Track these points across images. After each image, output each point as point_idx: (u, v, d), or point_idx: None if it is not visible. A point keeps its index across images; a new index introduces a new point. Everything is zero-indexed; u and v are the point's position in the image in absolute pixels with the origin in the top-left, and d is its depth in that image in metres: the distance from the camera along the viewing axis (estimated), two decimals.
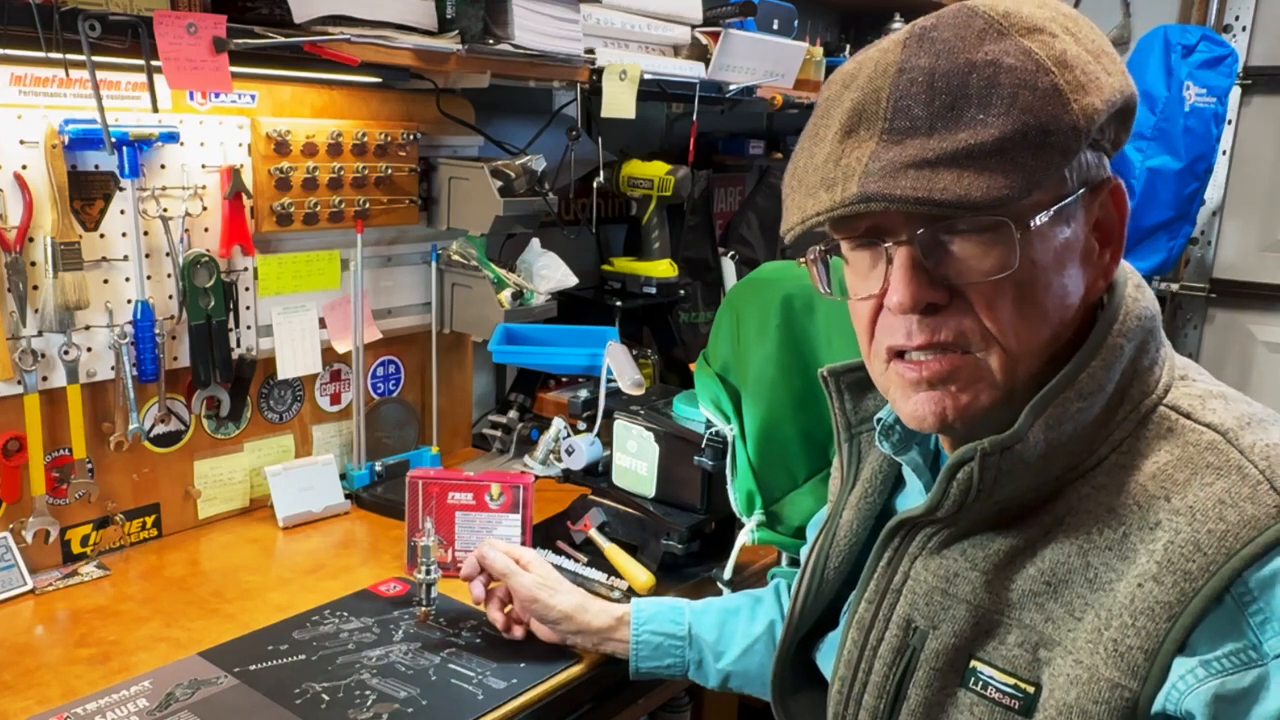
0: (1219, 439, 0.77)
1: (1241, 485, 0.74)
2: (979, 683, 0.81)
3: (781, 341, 1.37)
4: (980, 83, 0.73)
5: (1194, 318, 3.35)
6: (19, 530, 1.45)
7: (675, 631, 1.24)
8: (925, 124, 0.74)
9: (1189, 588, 0.72)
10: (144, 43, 1.19)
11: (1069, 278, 0.79)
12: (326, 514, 1.74)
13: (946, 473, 0.80)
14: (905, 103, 0.75)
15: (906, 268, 0.77)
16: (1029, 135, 0.72)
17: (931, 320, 0.78)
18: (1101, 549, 0.76)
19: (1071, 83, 0.74)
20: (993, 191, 0.71)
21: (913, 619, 0.86)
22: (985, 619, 0.81)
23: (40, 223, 1.41)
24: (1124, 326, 0.80)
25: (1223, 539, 0.72)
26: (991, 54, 0.74)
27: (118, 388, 1.52)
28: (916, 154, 0.73)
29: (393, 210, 1.81)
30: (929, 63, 0.75)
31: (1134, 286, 0.84)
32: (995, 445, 0.77)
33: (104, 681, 1.21)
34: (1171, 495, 0.75)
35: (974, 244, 0.76)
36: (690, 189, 2.26)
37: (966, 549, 0.83)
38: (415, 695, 1.19)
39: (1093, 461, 0.80)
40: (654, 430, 1.55)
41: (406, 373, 1.99)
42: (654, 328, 2.42)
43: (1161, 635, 0.72)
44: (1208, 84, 2.84)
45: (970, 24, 0.76)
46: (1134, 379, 0.81)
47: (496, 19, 1.58)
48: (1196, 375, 0.85)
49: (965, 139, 0.72)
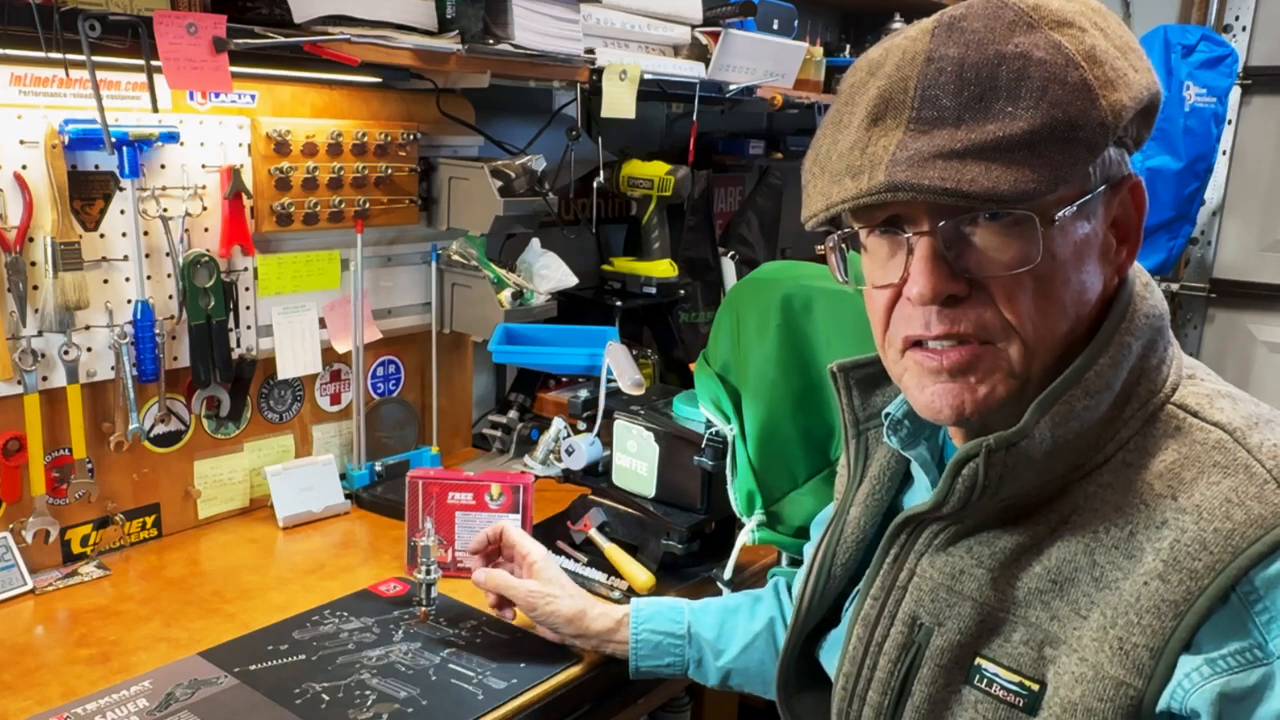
0: (1226, 438, 0.77)
1: (1249, 484, 0.73)
2: (984, 680, 0.81)
3: (781, 341, 1.37)
4: (1010, 75, 0.73)
5: (1194, 318, 3.35)
6: (19, 530, 1.45)
7: (674, 630, 1.24)
8: (953, 114, 0.73)
9: (1195, 586, 0.72)
10: (144, 43, 1.19)
11: (1087, 273, 0.79)
12: (326, 514, 1.74)
13: (952, 469, 0.80)
14: (933, 92, 0.74)
15: (928, 259, 0.77)
16: (1057, 129, 0.72)
17: (951, 311, 0.78)
18: (1108, 548, 0.76)
19: (1100, 78, 0.73)
20: (1020, 185, 0.71)
21: (918, 616, 0.86)
22: (991, 616, 0.81)
23: (40, 223, 1.41)
24: (1132, 324, 0.80)
25: (1229, 537, 0.72)
26: (1022, 46, 0.74)
27: (118, 388, 1.52)
28: (944, 144, 0.73)
29: (393, 210, 1.81)
30: (958, 53, 0.75)
31: (1143, 285, 0.84)
32: (1001, 442, 0.77)
33: (104, 681, 1.21)
34: (1178, 494, 0.75)
35: (996, 236, 0.76)
36: (690, 189, 2.26)
37: (973, 546, 0.83)
38: (415, 695, 1.19)
39: (1100, 459, 0.79)
40: (654, 430, 1.55)
41: (406, 373, 1.99)
42: (654, 328, 2.42)
43: (1167, 633, 0.72)
44: (1208, 84, 2.84)
45: (1000, 15, 0.76)
46: (1142, 377, 0.81)
47: (496, 19, 1.58)
48: (1205, 375, 0.85)
49: (994, 131, 0.72)
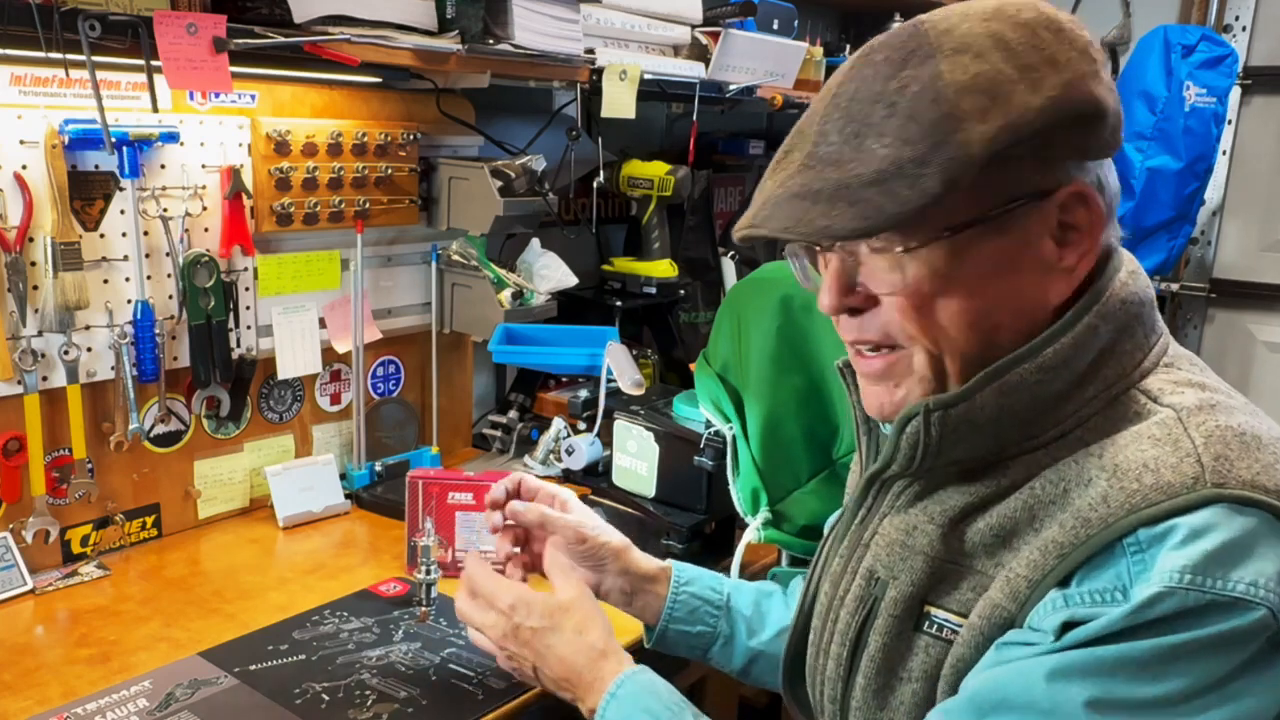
0: (1171, 415, 0.78)
1: (1171, 454, 0.75)
2: (934, 626, 0.85)
3: (782, 341, 1.37)
4: (882, 112, 0.76)
5: (1194, 318, 3.35)
6: (19, 530, 1.45)
7: (714, 599, 1.18)
8: (837, 152, 0.77)
9: (1084, 533, 0.75)
10: (144, 43, 1.19)
11: (1013, 283, 0.80)
12: (326, 514, 1.74)
13: (896, 426, 0.84)
14: (827, 127, 0.79)
15: (831, 274, 0.84)
16: (903, 167, 0.74)
17: (858, 320, 0.84)
18: (1045, 503, 0.79)
19: (971, 109, 0.73)
20: (853, 223, 0.75)
21: (875, 570, 0.89)
22: (940, 569, 0.85)
23: (40, 223, 1.41)
24: (1105, 309, 0.81)
25: (1130, 496, 0.74)
26: (904, 80, 0.76)
27: (118, 388, 1.52)
28: (808, 183, 0.77)
29: (393, 210, 1.81)
30: (853, 89, 0.78)
31: (1127, 273, 0.84)
32: (938, 404, 0.81)
33: (104, 681, 1.21)
34: (1104, 454, 0.78)
35: (877, 259, 0.81)
36: (690, 189, 2.26)
37: (928, 505, 0.87)
38: (415, 695, 1.19)
39: (1056, 434, 0.81)
40: (654, 430, 1.55)
41: (406, 373, 1.99)
42: (654, 328, 2.42)
43: (1048, 569, 0.76)
44: (1208, 84, 2.84)
45: (905, 45, 0.78)
46: (1109, 360, 0.82)
47: (496, 19, 1.58)
48: (1187, 366, 0.86)
49: (854, 169, 0.76)
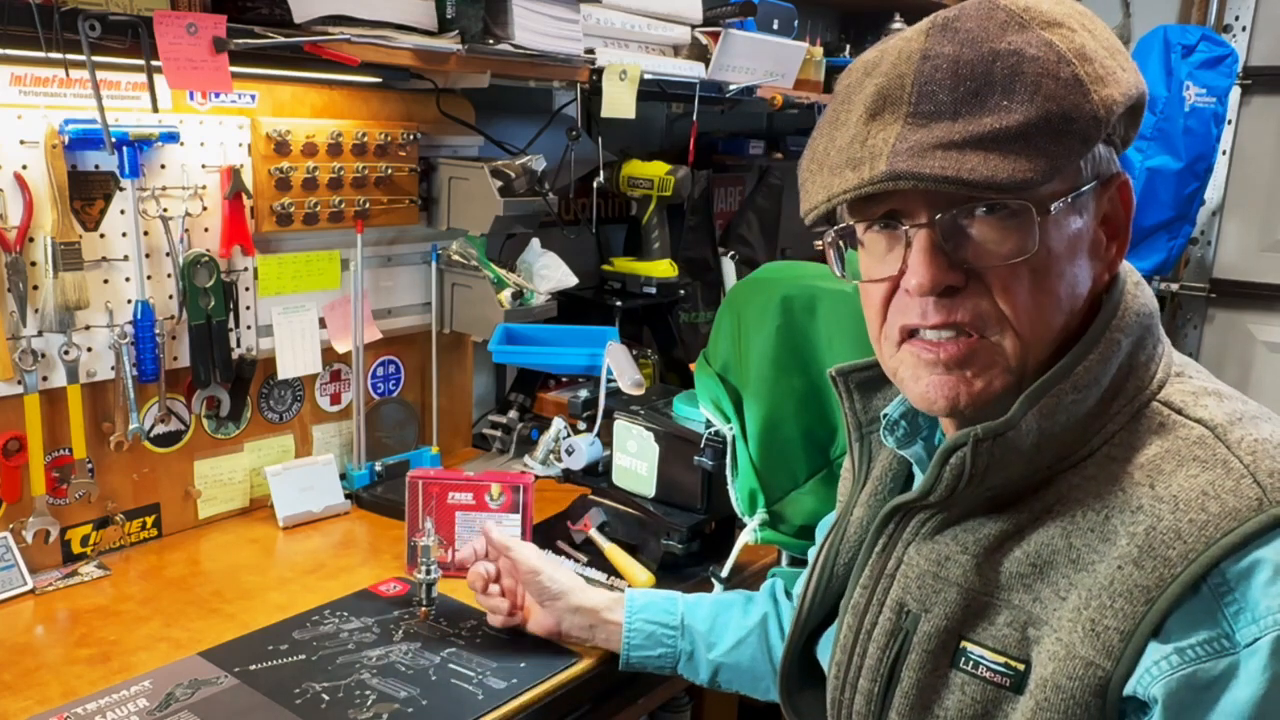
0: (1208, 434, 0.78)
1: (1225, 478, 0.75)
2: (969, 662, 0.83)
3: (782, 341, 1.37)
4: (1004, 70, 0.75)
5: (1194, 318, 3.35)
6: (19, 530, 1.45)
7: (668, 621, 1.24)
8: (950, 109, 0.75)
9: (1167, 573, 0.73)
10: (144, 43, 1.19)
11: (1079, 268, 0.81)
12: (326, 514, 1.74)
13: (940, 457, 0.82)
14: (930, 88, 0.76)
15: (926, 250, 0.79)
16: (1052, 121, 0.74)
17: (949, 301, 0.80)
18: (1084, 531, 0.78)
19: (1091, 74, 0.76)
20: (1018, 174, 0.73)
21: (905, 602, 0.87)
22: (975, 601, 0.83)
23: (40, 223, 1.41)
24: (1122, 321, 0.82)
25: (1203, 528, 0.73)
26: (1015, 44, 0.76)
27: (118, 388, 1.52)
28: (943, 136, 0.75)
29: (393, 210, 1.81)
30: (953, 50, 0.77)
31: (1133, 284, 0.86)
32: (988, 432, 0.79)
33: (104, 681, 1.21)
34: (1156, 483, 0.77)
35: (993, 228, 0.78)
36: (690, 189, 2.26)
37: (958, 534, 0.85)
38: (415, 695, 1.19)
39: (1085, 452, 0.81)
40: (654, 430, 1.55)
41: (406, 373, 1.99)
42: (654, 328, 2.42)
43: (1138, 618, 0.74)
44: (1208, 84, 2.84)
45: (993, 16, 0.78)
46: (1130, 374, 0.82)
47: (496, 19, 1.58)
48: (1194, 373, 0.87)
49: (990, 123, 0.74)
